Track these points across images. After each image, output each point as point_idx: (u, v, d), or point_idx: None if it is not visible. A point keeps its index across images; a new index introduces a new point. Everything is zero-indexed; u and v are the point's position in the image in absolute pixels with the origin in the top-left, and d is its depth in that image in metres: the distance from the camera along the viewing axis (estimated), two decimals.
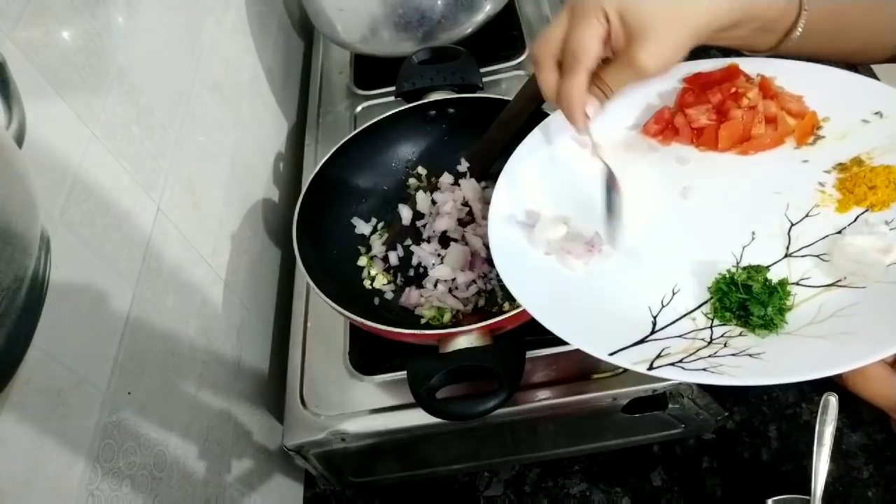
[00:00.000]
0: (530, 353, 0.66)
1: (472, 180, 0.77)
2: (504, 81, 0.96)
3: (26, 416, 0.44)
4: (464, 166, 0.78)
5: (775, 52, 0.59)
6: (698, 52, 0.57)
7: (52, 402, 0.46)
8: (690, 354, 0.46)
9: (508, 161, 0.62)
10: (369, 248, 0.78)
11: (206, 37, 0.83)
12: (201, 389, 0.66)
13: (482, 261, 0.72)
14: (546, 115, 0.74)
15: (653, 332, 0.49)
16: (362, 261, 0.77)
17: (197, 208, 0.72)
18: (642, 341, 0.48)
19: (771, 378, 0.43)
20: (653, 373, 0.44)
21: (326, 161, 0.76)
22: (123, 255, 0.57)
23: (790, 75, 0.59)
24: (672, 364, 0.45)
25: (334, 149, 0.77)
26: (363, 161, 0.80)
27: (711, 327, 0.48)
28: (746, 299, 0.48)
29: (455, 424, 0.64)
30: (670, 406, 0.67)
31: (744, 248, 0.52)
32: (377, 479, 0.79)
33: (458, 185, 0.78)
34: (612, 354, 0.46)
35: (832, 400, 0.67)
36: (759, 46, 0.58)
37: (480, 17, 0.95)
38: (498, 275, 0.70)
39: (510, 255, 0.55)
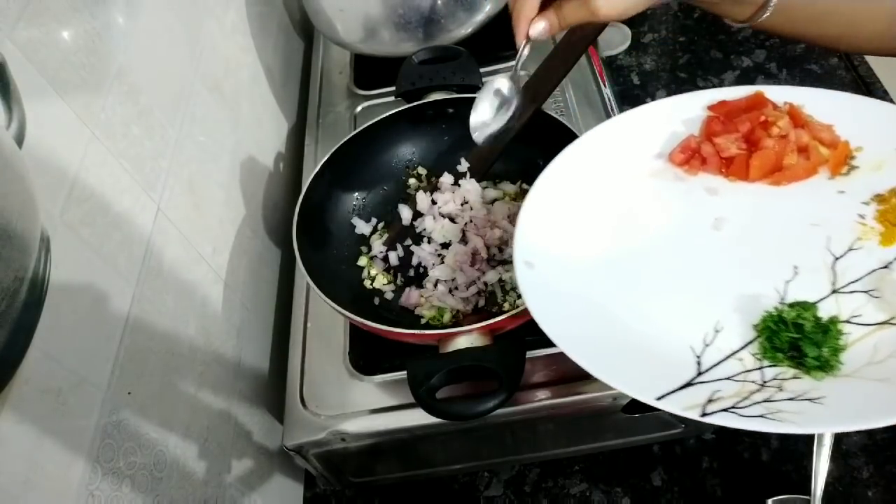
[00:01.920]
0: (530, 353, 0.66)
1: (472, 180, 0.77)
2: None
3: (26, 416, 0.44)
4: (464, 166, 0.78)
5: (754, 26, 0.59)
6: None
7: (52, 402, 0.46)
8: (744, 399, 0.43)
9: (526, 206, 0.59)
10: (369, 248, 0.78)
11: (206, 37, 0.83)
12: (201, 389, 0.66)
13: (482, 261, 0.72)
14: (546, 115, 0.74)
15: (698, 375, 0.46)
16: (362, 261, 0.77)
17: (197, 208, 0.72)
18: (689, 384, 0.45)
19: (838, 425, 0.42)
20: (706, 420, 0.42)
21: (326, 161, 0.76)
22: (123, 255, 0.57)
23: (818, 103, 0.58)
24: (726, 410, 0.42)
25: (334, 149, 0.77)
26: (363, 161, 0.80)
27: (762, 368, 0.46)
28: (798, 339, 0.46)
29: (455, 424, 0.64)
30: None
31: (787, 283, 0.50)
32: (377, 479, 0.79)
33: (458, 185, 0.78)
34: (659, 399, 0.43)
35: None
36: (734, 15, 0.59)
37: (480, 17, 0.95)
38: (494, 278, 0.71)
39: (544, 299, 0.51)
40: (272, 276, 0.89)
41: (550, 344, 0.67)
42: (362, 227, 0.79)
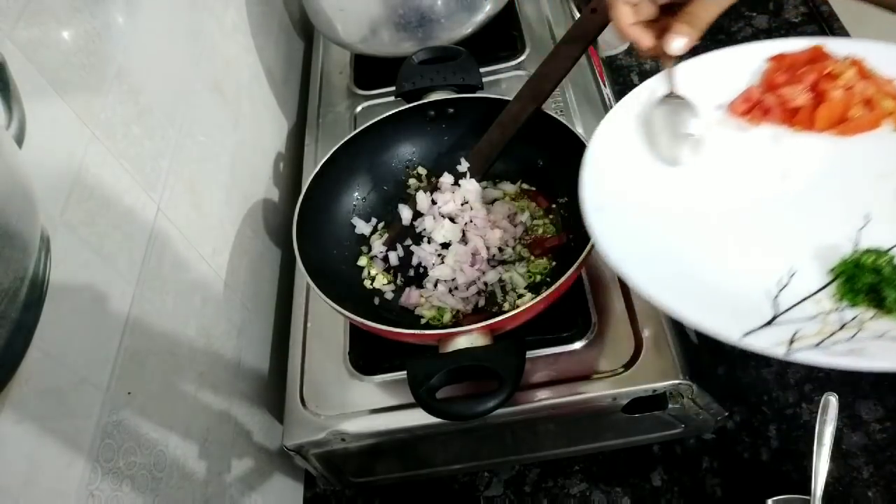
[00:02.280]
0: (530, 353, 0.66)
1: (472, 180, 0.77)
2: (504, 81, 0.96)
3: (26, 416, 0.44)
4: (464, 166, 0.78)
5: None
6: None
7: (52, 402, 0.46)
8: (827, 338, 0.46)
9: (589, 153, 0.60)
10: (369, 248, 0.78)
11: (206, 37, 0.83)
12: (201, 389, 0.66)
13: (482, 261, 0.72)
14: (546, 115, 0.74)
15: (777, 315, 0.48)
16: (362, 261, 0.77)
17: (197, 208, 0.72)
18: (770, 324, 0.47)
19: None
20: (792, 357, 0.44)
21: (326, 161, 0.76)
22: (123, 255, 0.57)
23: (880, 57, 0.59)
24: (813, 347, 0.45)
25: (334, 149, 0.77)
26: (363, 161, 0.80)
27: (840, 310, 0.48)
28: (878, 282, 0.48)
29: (455, 424, 0.64)
30: (670, 406, 0.67)
31: (859, 231, 0.52)
32: (377, 479, 0.79)
33: (458, 185, 0.78)
34: (745, 336, 0.46)
35: (832, 400, 0.67)
36: None
37: (480, 17, 0.95)
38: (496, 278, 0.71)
39: (618, 243, 0.53)
40: (272, 276, 0.89)
41: (550, 344, 0.68)
42: (362, 227, 0.79)
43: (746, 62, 0.63)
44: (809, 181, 0.57)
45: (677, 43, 0.57)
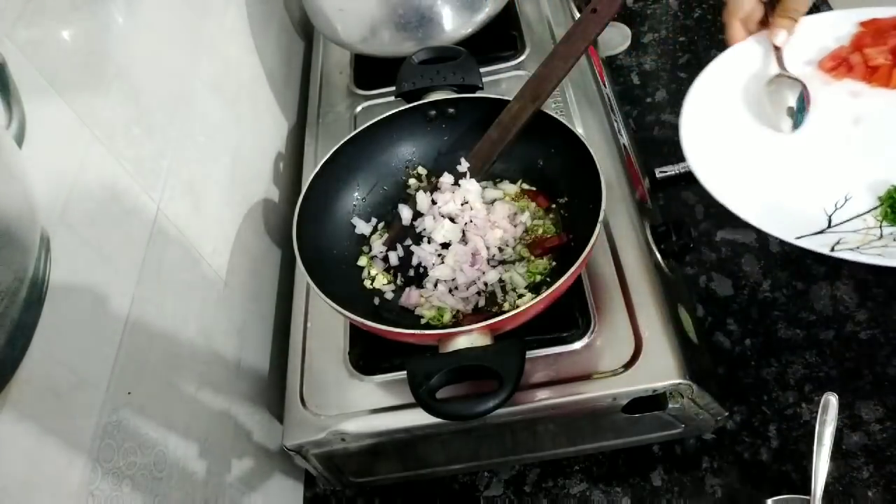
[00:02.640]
0: (530, 353, 0.66)
1: (472, 180, 0.77)
2: (504, 81, 0.96)
3: (26, 416, 0.44)
4: (464, 166, 0.78)
5: None
6: None
7: (52, 402, 0.46)
8: (865, 245, 0.61)
9: (695, 86, 0.75)
10: (369, 248, 0.78)
11: (206, 37, 0.83)
12: (201, 389, 0.66)
13: (482, 261, 0.72)
14: (546, 115, 0.74)
15: (829, 227, 0.63)
16: (362, 261, 0.77)
17: (197, 208, 0.72)
18: (821, 232, 0.63)
19: None
20: (834, 254, 0.59)
21: (326, 161, 0.76)
22: (123, 255, 0.57)
23: None
24: (850, 249, 0.59)
25: (334, 149, 0.77)
26: (363, 161, 0.80)
27: (881, 227, 0.63)
28: None
29: (455, 424, 0.64)
30: (670, 406, 0.67)
31: None
32: (377, 479, 0.79)
33: (458, 185, 0.78)
34: (797, 238, 0.61)
35: (832, 400, 0.67)
36: None
37: (480, 17, 0.95)
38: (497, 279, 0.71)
39: (707, 161, 0.67)
40: (272, 276, 0.89)
41: (550, 344, 0.68)
42: (362, 227, 0.79)
43: (840, 25, 0.75)
44: (875, 128, 0.70)
45: (781, 36, 0.71)
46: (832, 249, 0.60)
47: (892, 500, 0.70)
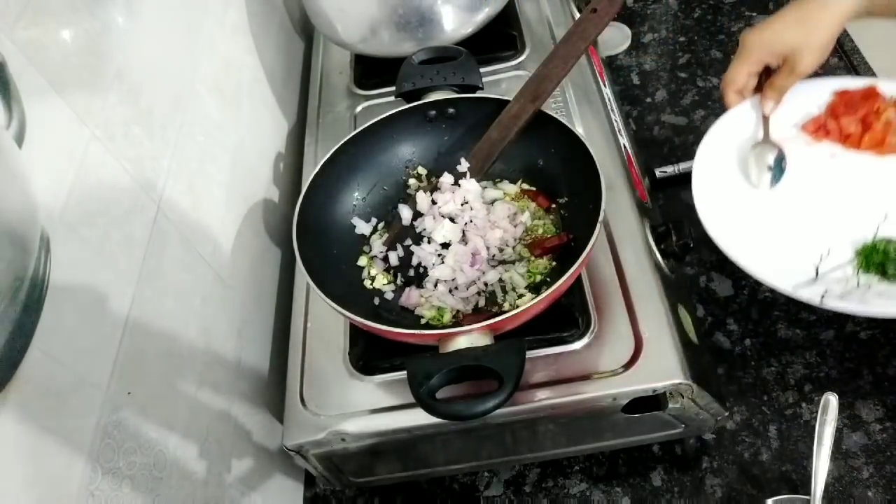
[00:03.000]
0: (530, 353, 0.66)
1: (472, 180, 0.77)
2: (504, 81, 0.96)
3: (26, 416, 0.44)
4: (464, 166, 0.78)
5: None
6: None
7: (52, 402, 0.46)
8: (848, 294, 0.70)
9: (701, 149, 0.83)
10: (369, 248, 0.78)
11: (206, 37, 0.83)
12: (201, 389, 0.66)
13: (482, 261, 0.72)
14: (546, 115, 0.74)
15: (817, 276, 0.73)
16: (362, 261, 0.77)
17: (197, 208, 0.72)
18: (812, 282, 0.72)
19: None
20: (824, 305, 0.68)
21: (326, 161, 0.76)
22: (123, 255, 0.57)
23: None
24: (837, 298, 0.68)
25: (334, 149, 0.77)
26: (363, 161, 0.80)
27: (858, 276, 0.72)
28: (885, 260, 0.72)
29: (455, 424, 0.64)
30: (670, 406, 0.67)
31: (878, 225, 0.75)
32: (377, 479, 0.79)
33: (458, 185, 0.78)
34: (795, 288, 0.69)
35: (832, 400, 0.67)
36: None
37: (480, 17, 0.95)
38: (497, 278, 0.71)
39: (720, 221, 0.75)
40: (272, 276, 0.89)
41: (550, 344, 0.68)
42: (362, 227, 0.79)
43: (819, 92, 0.86)
44: (850, 186, 0.80)
45: (768, 107, 0.82)
46: (822, 299, 0.68)
47: (892, 500, 0.70)
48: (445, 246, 0.74)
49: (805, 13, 0.76)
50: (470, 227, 0.75)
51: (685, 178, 0.98)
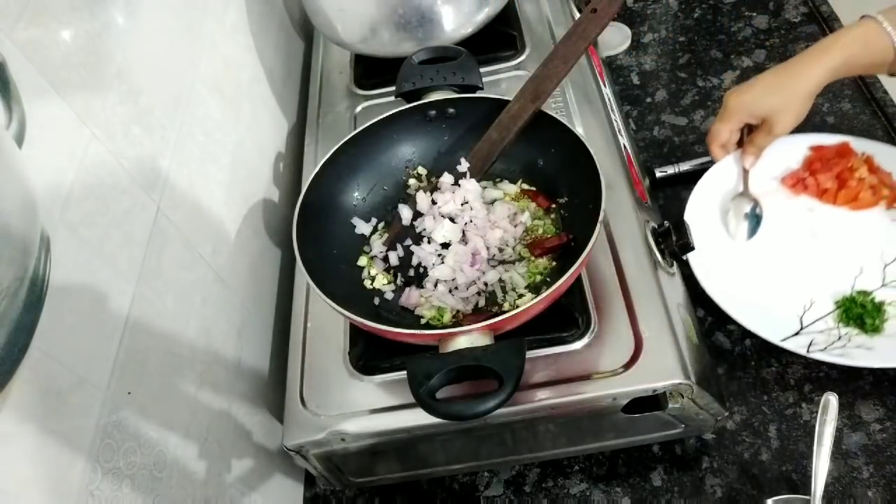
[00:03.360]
0: (530, 353, 0.66)
1: (473, 180, 0.77)
2: (504, 81, 0.96)
3: (26, 416, 0.44)
4: (464, 166, 0.78)
5: None
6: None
7: (52, 402, 0.46)
8: (830, 345, 0.76)
9: (687, 209, 0.89)
10: (369, 248, 0.78)
11: (206, 37, 0.83)
12: (201, 389, 0.66)
13: (482, 261, 0.72)
14: (546, 115, 0.74)
15: (801, 329, 0.78)
16: (362, 261, 0.77)
17: (197, 208, 0.72)
18: (797, 334, 0.78)
19: (882, 362, 0.73)
20: (810, 356, 0.74)
21: (326, 161, 0.76)
22: (123, 255, 0.57)
23: (884, 157, 0.89)
24: (821, 350, 0.75)
25: (334, 149, 0.77)
26: (363, 161, 0.80)
27: (839, 328, 0.78)
28: (862, 313, 0.77)
29: (455, 424, 0.64)
30: (670, 406, 0.67)
31: (856, 277, 0.81)
32: (377, 479, 0.79)
33: (458, 185, 0.78)
34: (782, 341, 0.76)
35: (832, 400, 0.67)
36: (879, 72, 0.81)
37: (480, 17, 0.95)
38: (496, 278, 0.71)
39: (713, 276, 0.81)
40: (272, 276, 0.89)
41: (550, 344, 0.68)
42: (362, 227, 0.79)
43: (797, 148, 0.92)
44: (827, 240, 0.86)
45: (748, 162, 0.88)
46: (808, 350, 0.74)
47: (892, 500, 0.70)
48: (445, 246, 0.74)
49: (782, 80, 0.82)
50: (470, 227, 0.75)
51: (685, 178, 0.98)
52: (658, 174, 1.00)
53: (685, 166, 1.00)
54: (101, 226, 0.55)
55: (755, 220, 0.87)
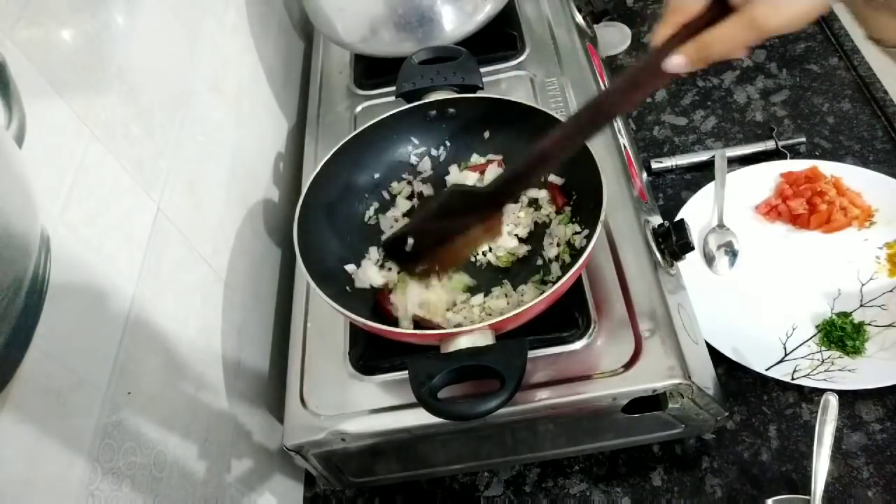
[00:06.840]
0: (531, 353, 0.66)
1: (474, 175, 0.77)
2: (504, 81, 0.96)
3: (26, 416, 0.44)
4: (452, 176, 0.78)
5: None
6: None
7: (52, 402, 0.46)
8: (814, 370, 0.77)
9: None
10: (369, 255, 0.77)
11: (206, 37, 0.83)
12: (201, 389, 0.66)
13: None
14: (547, 115, 0.74)
15: (786, 355, 0.79)
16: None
17: (197, 208, 0.72)
18: (781, 361, 0.78)
19: (864, 385, 0.74)
20: (795, 381, 0.75)
21: (327, 161, 0.76)
22: (123, 255, 0.57)
23: (852, 177, 0.91)
24: (805, 376, 0.76)
25: (334, 149, 0.77)
26: (363, 161, 0.80)
27: (821, 352, 0.79)
28: (843, 335, 0.78)
29: (456, 424, 0.64)
30: (670, 406, 0.67)
31: (834, 299, 0.83)
32: (377, 479, 0.79)
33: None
34: (767, 369, 0.77)
35: (832, 400, 0.67)
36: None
37: (480, 17, 0.95)
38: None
39: (694, 300, 0.77)
40: (272, 276, 0.89)
41: (550, 344, 0.68)
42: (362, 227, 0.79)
43: (768, 176, 0.94)
44: (804, 265, 0.87)
45: (675, 60, 0.52)
46: (793, 378, 0.75)
47: (892, 500, 0.70)
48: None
49: None
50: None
51: (685, 179, 0.98)
52: (654, 165, 1.01)
53: (682, 161, 1.01)
54: (101, 226, 0.55)
55: (731, 253, 0.89)
